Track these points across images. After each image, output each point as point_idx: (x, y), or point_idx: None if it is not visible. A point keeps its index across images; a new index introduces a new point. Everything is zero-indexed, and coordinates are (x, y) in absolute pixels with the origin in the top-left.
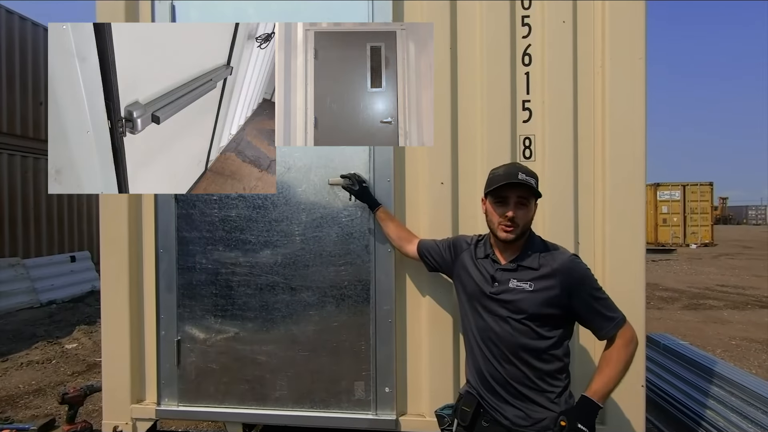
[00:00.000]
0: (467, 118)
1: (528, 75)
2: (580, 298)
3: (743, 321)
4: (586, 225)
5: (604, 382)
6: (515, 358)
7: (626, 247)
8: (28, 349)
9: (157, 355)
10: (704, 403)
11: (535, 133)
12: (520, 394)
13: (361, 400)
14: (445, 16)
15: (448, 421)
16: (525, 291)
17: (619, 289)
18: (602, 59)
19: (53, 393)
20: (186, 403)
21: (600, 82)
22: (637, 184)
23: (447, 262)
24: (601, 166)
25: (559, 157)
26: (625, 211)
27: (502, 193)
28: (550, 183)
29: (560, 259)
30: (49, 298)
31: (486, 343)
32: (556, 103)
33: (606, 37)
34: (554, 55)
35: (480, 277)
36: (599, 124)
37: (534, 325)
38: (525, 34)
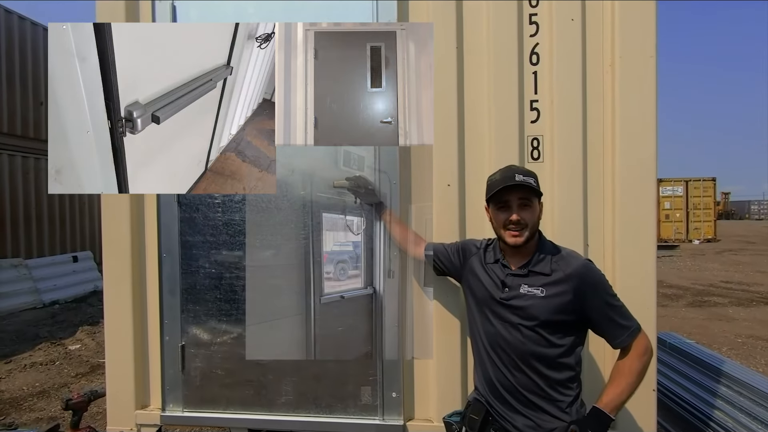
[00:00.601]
0: (474, 118)
1: (536, 74)
2: (594, 305)
3: (749, 318)
4: (595, 226)
5: (617, 393)
6: (525, 365)
7: (636, 249)
8: (32, 350)
9: (161, 360)
10: (712, 403)
11: (543, 133)
12: (530, 402)
13: (367, 405)
14: (450, 15)
15: (456, 429)
16: (536, 297)
17: (629, 291)
18: (612, 57)
19: (57, 395)
20: (191, 409)
21: (610, 81)
22: (647, 184)
23: (456, 266)
24: (611, 167)
25: (567, 158)
26: (636, 212)
27: (503, 198)
28: (559, 184)
29: (573, 264)
30: (52, 298)
31: (495, 350)
32: (564, 103)
33: (615, 35)
34: (562, 54)
35: (490, 282)
36: (609, 124)
37: (545, 332)
38: (533, 33)
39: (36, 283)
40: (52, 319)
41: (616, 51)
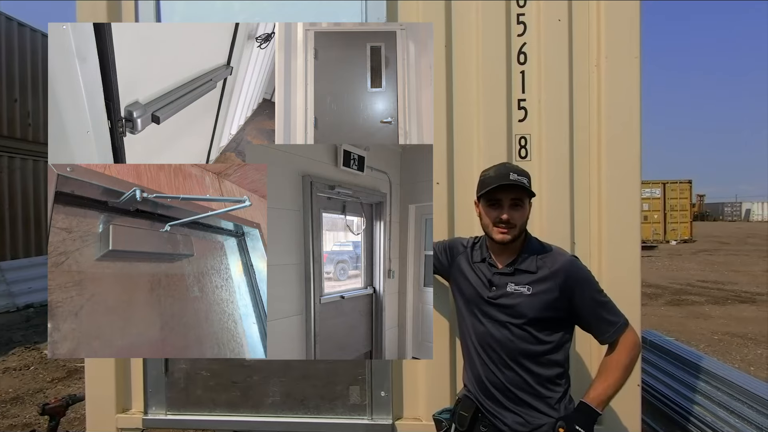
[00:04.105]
0: (463, 117)
1: (523, 74)
2: (582, 301)
3: (724, 316)
4: (582, 224)
5: (604, 388)
6: (514, 363)
7: (622, 245)
8: (5, 355)
9: (143, 362)
10: (692, 398)
11: (530, 132)
12: (519, 399)
13: (356, 404)
14: (440, 15)
15: (446, 426)
16: (523, 295)
17: (615, 287)
18: (597, 58)
19: (32, 401)
20: (175, 412)
21: (596, 81)
22: (632, 182)
23: (444, 265)
24: (597, 165)
25: (554, 157)
26: (621, 210)
27: (495, 196)
28: (547, 182)
29: (559, 261)
30: (27, 301)
31: (485, 349)
32: (551, 102)
33: (601, 36)
34: (550, 54)
35: (477, 281)
36: (595, 122)
37: (534, 329)
38: (520, 33)
39: (9, 286)
40: (27, 323)
41: (602, 51)
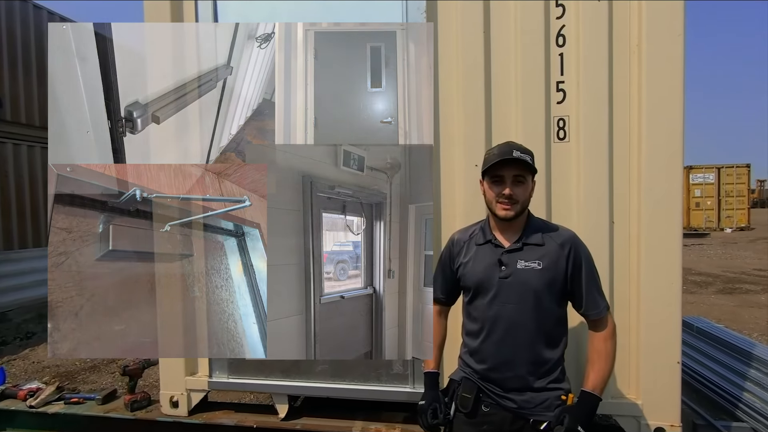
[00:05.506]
0: (501, 100)
1: (562, 56)
2: (582, 274)
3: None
4: (621, 206)
5: (600, 375)
6: (524, 341)
7: (663, 228)
8: None
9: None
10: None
11: (569, 114)
12: (525, 377)
13: (399, 374)
14: None
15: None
16: (534, 270)
17: (655, 270)
18: (638, 38)
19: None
20: (236, 376)
21: (636, 62)
22: (674, 165)
23: (455, 274)
24: (637, 147)
25: (593, 138)
26: (662, 193)
27: (498, 172)
28: (585, 164)
29: (565, 234)
30: None
31: (493, 327)
32: (590, 84)
33: (643, 15)
34: (589, 35)
35: (485, 263)
36: (635, 104)
37: (545, 302)
38: (559, 15)
39: None
40: None
41: (643, 31)
